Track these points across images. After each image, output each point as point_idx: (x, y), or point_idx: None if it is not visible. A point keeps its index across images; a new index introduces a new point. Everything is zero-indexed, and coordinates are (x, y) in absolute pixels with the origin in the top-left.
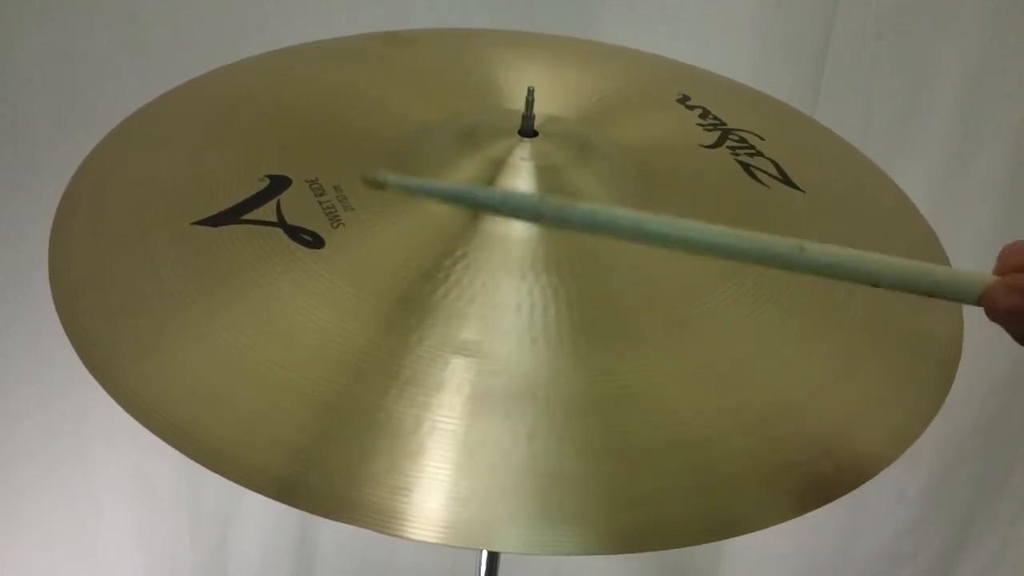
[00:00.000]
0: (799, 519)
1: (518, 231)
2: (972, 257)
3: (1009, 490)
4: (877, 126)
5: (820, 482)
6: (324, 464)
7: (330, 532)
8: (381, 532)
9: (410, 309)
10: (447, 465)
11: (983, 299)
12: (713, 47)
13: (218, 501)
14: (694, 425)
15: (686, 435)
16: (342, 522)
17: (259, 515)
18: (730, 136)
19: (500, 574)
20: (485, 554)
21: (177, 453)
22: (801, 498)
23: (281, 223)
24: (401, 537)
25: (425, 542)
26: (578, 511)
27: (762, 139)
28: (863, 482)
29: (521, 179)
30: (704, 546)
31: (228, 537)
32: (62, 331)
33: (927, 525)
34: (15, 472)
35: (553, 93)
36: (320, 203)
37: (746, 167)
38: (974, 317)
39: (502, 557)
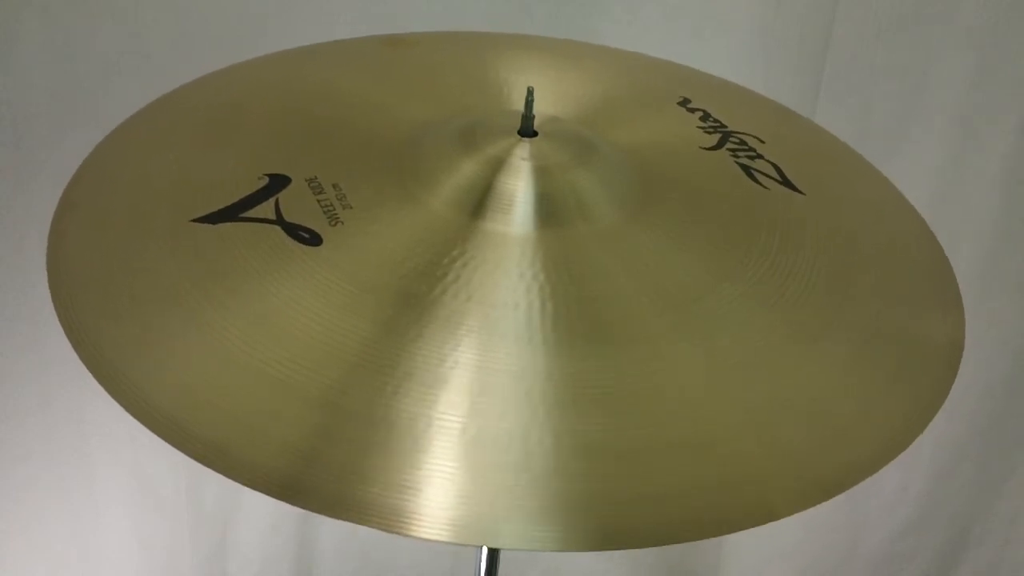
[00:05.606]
0: (800, 519)
1: (516, 230)
2: (972, 257)
3: (1009, 490)
4: (877, 126)
5: (817, 482)
6: (323, 462)
7: (330, 532)
8: (384, 530)
9: (408, 307)
10: (447, 462)
11: None
12: (713, 47)
13: (218, 501)
14: (694, 425)
15: (685, 435)
16: (344, 520)
17: (259, 515)
18: (730, 138)
19: (500, 574)
20: (485, 552)
21: (177, 453)
22: (797, 497)
23: (280, 221)
24: (403, 535)
25: (428, 540)
26: (578, 508)
27: (762, 142)
28: (855, 483)
29: (520, 179)
30: (705, 544)
31: (228, 537)
32: (62, 331)
33: (927, 525)
34: (15, 471)
35: (554, 94)
36: (319, 201)
37: (746, 169)
38: (974, 318)
39: (502, 557)
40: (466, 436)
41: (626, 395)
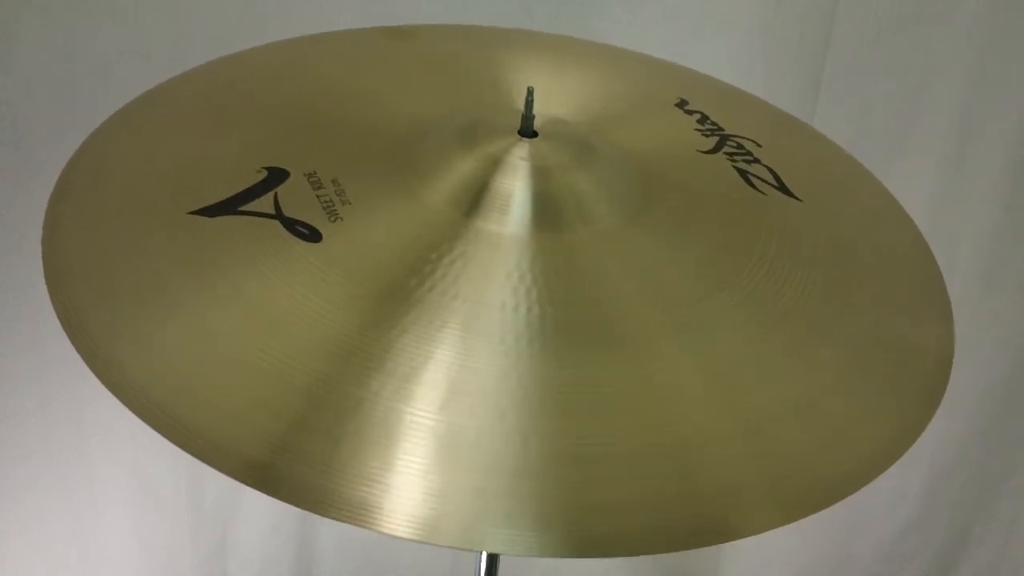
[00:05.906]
0: (800, 520)
1: (511, 230)
2: (972, 257)
3: (1009, 490)
4: (877, 126)
5: (808, 491)
6: (296, 452)
7: (330, 532)
8: (352, 524)
9: (396, 302)
10: (420, 459)
11: None
12: (713, 47)
13: (218, 501)
14: (681, 431)
15: (672, 440)
16: (311, 512)
17: (259, 515)
18: (728, 142)
19: (500, 574)
20: (485, 554)
21: (177, 453)
22: (788, 507)
23: (278, 215)
24: (367, 529)
25: (397, 537)
26: (556, 513)
27: (759, 146)
28: (850, 494)
29: (517, 179)
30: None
31: (228, 537)
32: (62, 331)
33: (927, 525)
34: (15, 471)
35: (554, 94)
36: (318, 197)
37: (743, 174)
38: (974, 318)
39: (502, 558)
40: (439, 433)
41: (614, 400)
